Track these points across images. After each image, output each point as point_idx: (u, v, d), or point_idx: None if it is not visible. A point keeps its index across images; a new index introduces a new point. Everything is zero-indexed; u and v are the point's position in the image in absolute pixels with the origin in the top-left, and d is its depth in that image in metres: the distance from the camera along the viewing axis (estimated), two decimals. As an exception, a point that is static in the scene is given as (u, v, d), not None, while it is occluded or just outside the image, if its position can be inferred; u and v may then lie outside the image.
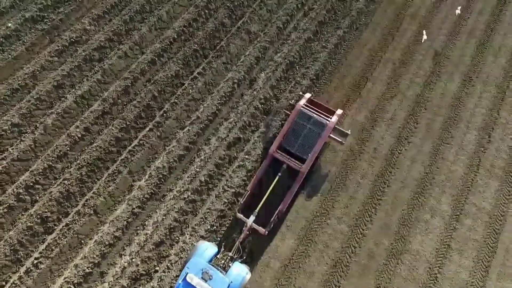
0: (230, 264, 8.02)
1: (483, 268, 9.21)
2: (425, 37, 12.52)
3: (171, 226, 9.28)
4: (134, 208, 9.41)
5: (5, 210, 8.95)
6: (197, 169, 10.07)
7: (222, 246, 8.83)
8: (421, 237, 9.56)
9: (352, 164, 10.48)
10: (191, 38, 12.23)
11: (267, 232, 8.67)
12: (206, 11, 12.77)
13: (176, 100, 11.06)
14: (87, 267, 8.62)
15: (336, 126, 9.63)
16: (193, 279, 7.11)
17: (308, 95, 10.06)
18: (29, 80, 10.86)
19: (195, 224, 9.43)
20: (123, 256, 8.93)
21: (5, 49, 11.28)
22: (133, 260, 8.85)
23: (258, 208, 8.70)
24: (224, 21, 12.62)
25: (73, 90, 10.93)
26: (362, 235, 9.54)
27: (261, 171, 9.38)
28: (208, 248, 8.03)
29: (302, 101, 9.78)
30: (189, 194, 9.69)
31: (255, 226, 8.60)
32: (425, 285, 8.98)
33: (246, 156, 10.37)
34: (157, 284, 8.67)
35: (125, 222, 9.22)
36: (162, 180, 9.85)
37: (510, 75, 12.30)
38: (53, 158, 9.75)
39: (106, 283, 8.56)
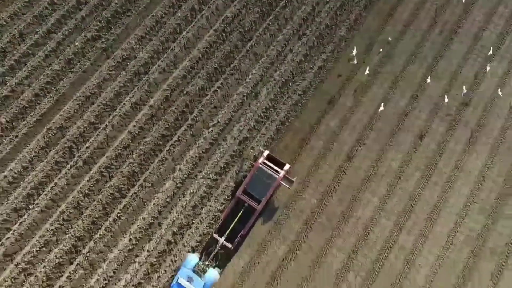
0: (207, 269, 12.33)
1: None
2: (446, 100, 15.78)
3: (202, 196, 14.25)
4: (177, 184, 14.29)
5: (94, 182, 13.76)
6: (218, 159, 14.83)
7: (203, 256, 12.96)
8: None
9: (323, 159, 15.29)
10: (212, 57, 16.27)
11: (233, 247, 12.95)
12: (223, 34, 16.64)
13: (202, 108, 15.46)
14: (151, 219, 13.69)
15: (286, 175, 13.50)
16: (182, 281, 12.07)
17: (266, 153, 13.82)
18: (96, 89, 15.09)
19: (216, 195, 14.42)
20: (171, 213, 13.98)
21: (76, 63, 15.33)
22: (178, 216, 13.92)
23: (227, 232, 12.92)
24: (237, 44, 16.56)
25: (129, 97, 15.22)
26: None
27: (230, 206, 13.54)
28: (192, 259, 12.56)
29: (261, 159, 13.60)
30: (213, 175, 14.56)
31: (225, 243, 12.92)
32: None
33: (251, 151, 15.10)
34: (188, 237, 13.75)
35: (172, 192, 14.14)
36: (195, 165, 14.63)
37: (446, 93, 16.73)
38: (120, 148, 14.37)
39: (162, 229, 13.70)
